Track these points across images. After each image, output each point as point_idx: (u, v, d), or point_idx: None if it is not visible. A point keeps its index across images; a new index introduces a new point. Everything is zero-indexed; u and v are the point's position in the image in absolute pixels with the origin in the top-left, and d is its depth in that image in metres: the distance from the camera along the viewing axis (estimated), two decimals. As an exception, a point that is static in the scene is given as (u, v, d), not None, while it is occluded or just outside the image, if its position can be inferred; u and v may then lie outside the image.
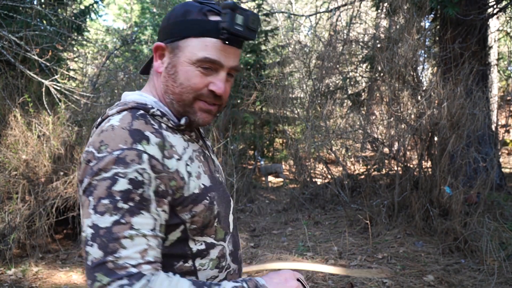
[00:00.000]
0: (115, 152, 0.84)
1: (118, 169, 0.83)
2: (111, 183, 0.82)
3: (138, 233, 0.82)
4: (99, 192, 0.82)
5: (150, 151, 0.86)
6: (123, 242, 0.81)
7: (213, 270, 0.99)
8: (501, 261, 3.51)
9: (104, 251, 0.80)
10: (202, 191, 0.95)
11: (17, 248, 4.38)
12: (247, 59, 8.93)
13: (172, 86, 0.96)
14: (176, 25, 0.95)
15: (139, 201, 0.83)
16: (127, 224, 0.82)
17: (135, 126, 0.88)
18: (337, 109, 7.03)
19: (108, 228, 0.81)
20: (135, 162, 0.84)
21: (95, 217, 0.82)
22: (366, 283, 3.34)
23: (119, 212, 0.82)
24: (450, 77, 4.67)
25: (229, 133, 7.29)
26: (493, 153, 5.20)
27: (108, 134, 0.87)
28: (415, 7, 4.95)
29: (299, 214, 5.68)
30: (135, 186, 0.83)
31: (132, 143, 0.85)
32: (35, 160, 4.60)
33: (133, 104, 0.94)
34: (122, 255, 0.80)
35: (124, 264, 0.80)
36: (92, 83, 7.35)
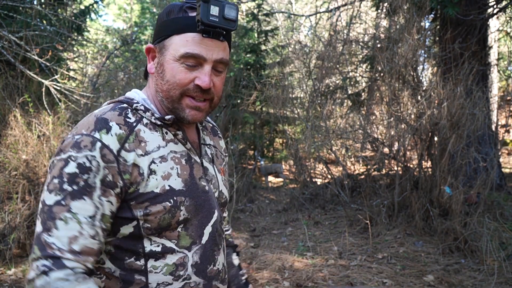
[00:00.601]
0: (76, 136, 0.90)
1: (72, 153, 0.88)
2: (63, 165, 0.88)
3: (73, 218, 0.86)
4: (54, 171, 0.88)
5: (105, 140, 0.89)
6: (57, 223, 0.85)
7: (166, 276, 0.95)
8: (501, 261, 3.51)
9: (43, 227, 0.86)
10: (166, 192, 0.94)
11: (17, 248, 4.37)
12: (247, 59, 8.93)
13: (161, 84, 0.98)
14: (161, 26, 0.98)
15: (83, 186, 0.87)
16: (65, 206, 0.86)
17: (105, 116, 0.93)
18: (337, 109, 7.03)
19: (50, 206, 0.86)
20: (87, 148, 0.88)
21: (45, 194, 0.88)
22: (366, 283, 3.34)
23: (62, 193, 0.86)
24: (450, 77, 4.67)
25: (229, 133, 7.29)
26: (493, 153, 5.20)
27: (84, 120, 0.94)
28: (415, 7, 4.95)
29: (299, 214, 5.68)
30: (81, 171, 0.87)
31: (92, 131, 0.90)
32: (35, 160, 4.60)
33: (122, 98, 1.00)
34: (53, 234, 0.85)
35: (51, 244, 0.84)
36: (92, 83, 7.36)
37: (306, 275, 3.51)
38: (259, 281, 3.49)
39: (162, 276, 0.95)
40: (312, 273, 3.54)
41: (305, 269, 3.66)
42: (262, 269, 3.75)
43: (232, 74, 8.49)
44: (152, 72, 1.01)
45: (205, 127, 1.16)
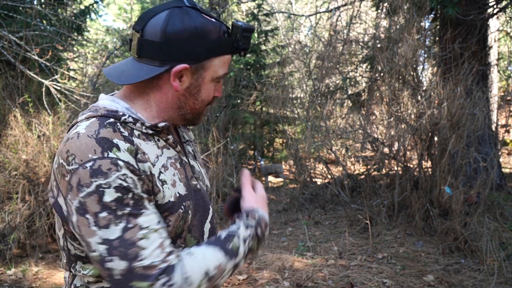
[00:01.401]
0: (87, 164, 0.81)
1: (99, 181, 0.80)
2: (98, 197, 0.80)
3: (149, 230, 0.82)
4: (92, 208, 0.80)
5: (122, 157, 0.84)
6: (140, 244, 0.81)
7: None
8: (501, 261, 3.51)
9: (127, 259, 0.80)
10: (178, 200, 0.93)
11: (17, 248, 4.37)
12: (247, 59, 8.93)
13: (193, 104, 0.98)
14: (200, 47, 0.92)
15: (135, 203, 0.83)
16: (135, 227, 0.81)
17: (102, 134, 0.85)
18: (337, 109, 7.03)
19: (120, 237, 0.80)
20: (113, 170, 0.81)
21: (101, 233, 0.80)
22: (366, 283, 3.34)
23: (122, 219, 0.81)
24: (450, 77, 4.67)
25: (229, 133, 7.30)
26: (493, 153, 5.20)
27: (73, 143, 0.84)
28: (415, 7, 4.95)
29: (299, 214, 5.68)
30: (123, 193, 0.82)
31: (102, 152, 0.82)
32: (35, 160, 4.60)
33: (103, 112, 0.91)
34: (145, 256, 0.80)
35: (151, 263, 0.80)
36: (92, 83, 7.35)
37: (306, 275, 3.51)
38: (259, 281, 3.49)
39: None
40: (312, 273, 3.54)
41: (305, 269, 3.67)
42: (262, 269, 3.75)
43: (232, 74, 8.49)
44: (177, 90, 0.94)
45: None
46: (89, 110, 0.94)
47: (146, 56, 0.92)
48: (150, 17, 0.92)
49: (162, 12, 0.91)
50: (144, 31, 0.91)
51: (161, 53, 0.91)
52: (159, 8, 0.93)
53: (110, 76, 0.95)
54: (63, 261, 0.99)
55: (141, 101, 0.97)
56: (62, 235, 0.94)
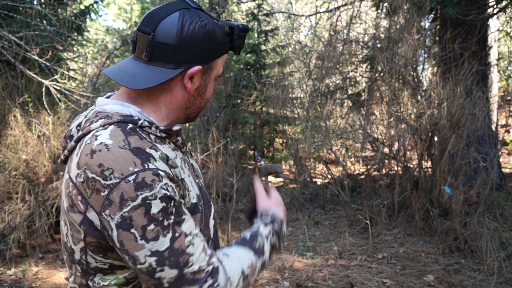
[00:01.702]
0: (130, 178, 0.79)
1: (145, 193, 0.80)
2: (146, 209, 0.80)
3: (192, 236, 0.86)
4: (139, 222, 0.80)
5: (160, 167, 0.84)
6: (188, 251, 0.84)
7: None
8: (501, 261, 3.51)
9: (178, 268, 0.83)
10: (197, 200, 0.95)
11: (17, 248, 4.37)
12: (247, 59, 8.93)
13: (200, 103, 1.01)
14: (210, 49, 0.94)
15: (177, 211, 0.84)
16: (181, 235, 0.84)
17: (134, 144, 0.84)
18: (337, 109, 7.03)
19: (170, 247, 0.82)
20: (157, 181, 0.81)
21: (150, 246, 0.81)
22: (366, 283, 3.34)
23: (168, 229, 0.82)
24: (450, 77, 4.67)
25: (229, 133, 7.29)
26: (493, 153, 5.20)
27: (104, 155, 0.81)
28: (415, 7, 4.95)
29: (299, 214, 5.68)
30: (167, 202, 0.83)
31: (142, 163, 0.81)
32: (35, 160, 4.60)
33: (119, 118, 0.89)
34: (194, 261, 0.84)
35: (199, 268, 0.84)
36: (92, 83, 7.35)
37: (306, 275, 3.51)
38: (259, 281, 3.49)
39: None
40: (312, 273, 3.54)
41: (305, 269, 3.67)
42: (262, 269, 3.75)
43: (232, 74, 8.49)
44: (189, 91, 0.96)
45: None
46: (98, 117, 0.91)
47: (159, 59, 0.91)
48: (161, 19, 0.90)
49: (172, 14, 0.91)
50: (156, 34, 0.90)
51: (177, 56, 0.91)
52: (167, 9, 0.92)
53: (122, 81, 0.92)
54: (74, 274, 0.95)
55: (150, 104, 0.96)
56: (81, 248, 0.90)
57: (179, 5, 0.92)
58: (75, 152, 0.88)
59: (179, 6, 0.92)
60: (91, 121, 0.90)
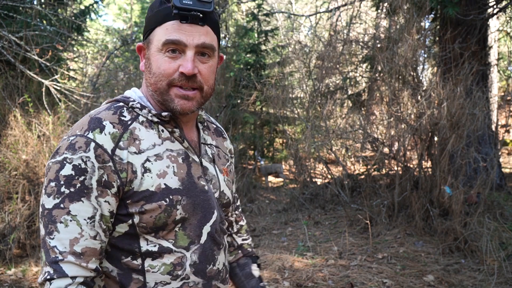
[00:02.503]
0: (71, 138, 0.90)
1: (67, 154, 0.88)
2: (59, 167, 0.88)
3: (73, 220, 0.87)
4: (50, 174, 0.89)
5: (99, 140, 0.89)
6: (58, 226, 0.87)
7: (164, 275, 0.95)
8: (501, 261, 3.51)
9: (45, 230, 0.88)
10: (161, 191, 0.93)
11: (17, 248, 4.37)
12: (247, 59, 8.93)
13: (149, 78, 0.98)
14: (146, 22, 0.99)
15: (80, 188, 0.87)
16: (64, 209, 0.87)
17: (99, 115, 0.93)
18: (337, 109, 7.03)
19: (49, 210, 0.87)
20: (81, 150, 0.88)
21: (44, 197, 0.89)
22: (366, 283, 3.34)
23: (60, 196, 0.87)
24: (450, 77, 4.67)
25: (229, 133, 7.29)
26: (493, 153, 5.20)
27: (80, 120, 0.95)
28: (415, 7, 4.95)
29: (299, 214, 5.68)
30: (77, 173, 0.87)
31: (85, 131, 0.90)
32: (35, 160, 4.60)
33: (119, 97, 1.01)
34: (55, 238, 0.86)
35: (54, 247, 0.86)
36: (92, 83, 7.36)
37: (306, 275, 3.51)
38: (259, 281, 3.49)
39: (159, 276, 0.95)
40: (312, 273, 3.54)
41: (305, 269, 3.66)
42: (262, 269, 3.75)
43: (232, 74, 8.49)
44: (142, 70, 1.02)
45: (207, 127, 1.15)
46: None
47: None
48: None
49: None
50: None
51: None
52: None
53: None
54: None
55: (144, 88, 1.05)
56: None
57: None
58: None
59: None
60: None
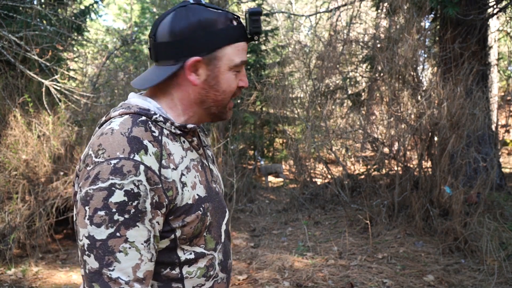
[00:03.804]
0: (112, 161, 0.84)
1: (115, 180, 0.82)
2: (107, 194, 0.82)
3: (131, 247, 0.84)
4: (95, 203, 0.82)
5: (147, 162, 0.86)
6: (117, 256, 0.83)
7: (200, 278, 0.99)
8: (501, 261, 3.51)
9: (100, 263, 0.82)
10: (196, 202, 0.95)
11: (17, 248, 4.37)
12: (247, 59, 8.92)
13: (215, 95, 0.99)
14: (207, 37, 0.94)
15: (134, 213, 0.84)
16: (122, 237, 0.83)
17: (134, 133, 0.88)
18: (337, 109, 7.03)
19: (103, 241, 0.82)
20: (131, 174, 0.83)
21: (91, 228, 0.83)
22: (366, 283, 3.34)
23: (114, 225, 0.82)
24: (450, 77, 4.67)
25: (229, 133, 7.29)
26: (493, 153, 5.20)
27: (106, 138, 0.87)
28: (415, 7, 4.95)
29: (299, 214, 5.68)
30: (130, 198, 0.83)
31: (130, 153, 0.85)
32: (35, 160, 4.60)
33: (136, 109, 0.94)
34: (116, 269, 0.82)
35: (117, 279, 0.82)
36: (92, 83, 7.36)
37: (306, 275, 3.51)
38: (259, 281, 3.49)
39: (196, 280, 0.98)
40: (312, 273, 3.54)
41: (305, 269, 3.66)
42: (262, 269, 3.75)
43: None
44: (196, 84, 0.98)
45: (201, 129, 1.17)
46: (121, 107, 0.97)
47: (162, 59, 0.96)
48: (160, 22, 0.96)
49: (169, 14, 0.96)
50: (156, 36, 0.96)
51: (173, 51, 0.95)
52: (166, 12, 0.98)
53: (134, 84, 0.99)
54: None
55: (166, 100, 1.00)
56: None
57: (177, 5, 0.97)
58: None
59: (177, 6, 0.97)
60: (114, 110, 0.97)
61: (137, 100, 0.99)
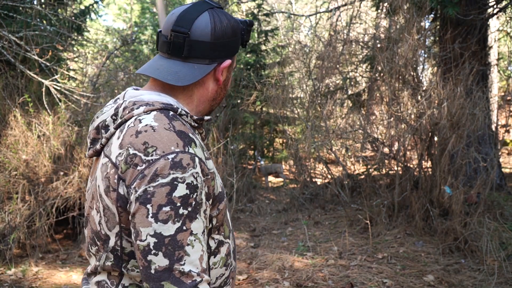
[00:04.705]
0: (169, 156, 0.83)
1: (177, 174, 0.82)
2: (170, 189, 0.82)
3: (196, 239, 0.84)
4: (158, 199, 0.81)
5: (199, 154, 0.88)
6: (187, 249, 0.83)
7: (221, 268, 1.00)
8: (501, 261, 3.51)
9: (170, 259, 0.81)
10: (222, 189, 0.99)
11: (17, 248, 4.37)
12: (247, 59, 8.93)
13: (223, 94, 1.08)
14: (235, 43, 1.03)
15: (195, 206, 0.85)
16: (188, 231, 0.83)
17: (178, 128, 0.89)
18: (337, 109, 7.03)
19: (172, 236, 0.82)
20: (191, 166, 0.84)
21: (156, 226, 0.81)
22: (366, 283, 3.34)
23: (180, 219, 0.82)
24: (450, 77, 4.67)
25: (229, 133, 7.29)
26: (493, 153, 5.20)
27: (150, 135, 0.86)
28: (415, 7, 4.95)
29: (299, 214, 5.68)
30: (191, 191, 0.84)
31: (184, 146, 0.86)
32: (35, 160, 4.60)
33: (161, 105, 0.94)
34: (187, 262, 0.82)
35: (190, 272, 0.82)
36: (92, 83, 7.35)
37: (306, 275, 3.51)
38: (259, 281, 3.49)
39: (219, 270, 1.00)
40: (312, 273, 3.54)
41: (305, 269, 3.66)
42: (262, 269, 3.75)
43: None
44: (220, 84, 1.05)
45: None
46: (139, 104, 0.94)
47: (196, 56, 0.97)
48: (194, 19, 0.97)
49: (203, 13, 0.98)
50: (192, 33, 0.96)
51: (212, 52, 0.98)
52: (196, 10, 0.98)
53: (167, 79, 0.96)
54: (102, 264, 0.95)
55: (184, 96, 1.02)
56: (116, 233, 0.92)
57: (204, 5, 1.00)
58: (116, 136, 0.92)
59: (205, 6, 0.99)
60: (131, 109, 0.94)
61: (151, 96, 0.97)
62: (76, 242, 4.82)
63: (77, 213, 4.61)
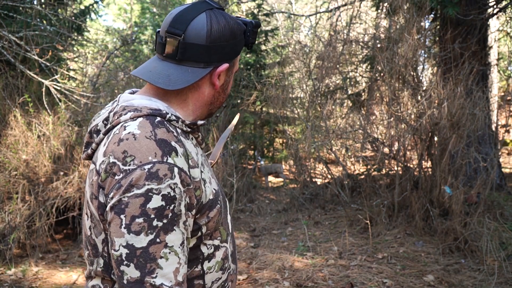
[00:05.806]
0: (145, 166, 0.81)
1: (152, 185, 0.80)
2: (144, 200, 0.80)
3: (171, 251, 0.83)
4: (132, 210, 0.80)
5: (179, 163, 0.84)
6: (159, 262, 0.81)
7: (218, 272, 0.99)
8: (501, 261, 3.51)
9: (142, 271, 0.80)
10: (214, 196, 0.95)
11: (17, 248, 4.37)
12: (247, 59, 8.93)
13: (222, 98, 1.05)
14: (234, 45, 0.98)
15: (172, 217, 0.82)
16: (162, 243, 0.81)
17: (160, 136, 0.85)
18: (337, 109, 7.03)
19: (144, 248, 0.80)
20: (167, 177, 0.82)
21: (129, 237, 0.80)
22: (366, 283, 3.34)
23: (154, 231, 0.81)
24: (450, 77, 4.67)
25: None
26: (493, 153, 5.20)
27: (130, 143, 0.84)
28: (415, 7, 4.95)
29: (299, 214, 5.68)
30: (168, 202, 0.82)
31: (163, 156, 0.83)
32: (35, 160, 4.60)
33: (148, 111, 0.91)
34: (159, 275, 0.81)
35: (161, 285, 0.81)
36: (92, 83, 7.36)
37: (306, 275, 3.51)
38: (259, 281, 3.49)
39: (215, 274, 0.98)
40: (312, 273, 3.54)
41: (305, 269, 3.67)
42: (262, 269, 3.75)
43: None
44: (217, 88, 1.01)
45: None
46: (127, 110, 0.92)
47: (190, 59, 0.94)
48: (189, 21, 0.93)
49: (200, 15, 0.94)
50: (187, 35, 0.92)
51: (207, 55, 0.94)
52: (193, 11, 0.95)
53: (157, 82, 0.93)
54: (95, 269, 0.95)
55: (177, 101, 0.98)
56: (102, 240, 0.91)
57: (203, 6, 0.95)
58: (103, 143, 0.90)
59: (204, 7, 0.95)
60: (120, 114, 0.92)
61: (141, 101, 0.95)
62: (76, 242, 4.82)
63: (77, 213, 4.61)
